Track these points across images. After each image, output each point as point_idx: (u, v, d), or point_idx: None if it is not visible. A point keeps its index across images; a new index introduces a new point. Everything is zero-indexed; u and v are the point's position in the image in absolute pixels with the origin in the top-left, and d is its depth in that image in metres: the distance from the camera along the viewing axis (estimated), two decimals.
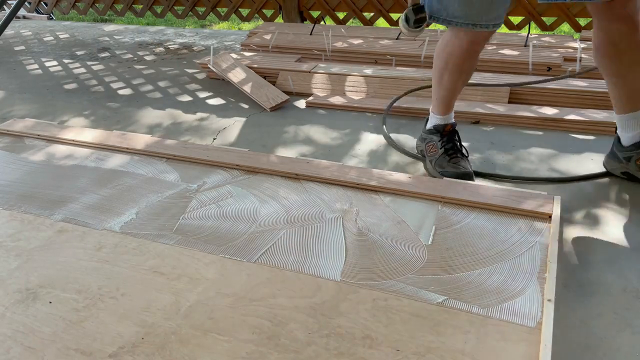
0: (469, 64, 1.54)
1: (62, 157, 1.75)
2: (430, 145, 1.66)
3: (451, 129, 1.65)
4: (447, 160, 1.59)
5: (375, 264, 1.17)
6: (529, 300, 1.04)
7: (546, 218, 1.31)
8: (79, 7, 4.48)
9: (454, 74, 1.56)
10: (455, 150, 1.62)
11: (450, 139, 1.64)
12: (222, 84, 2.60)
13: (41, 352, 0.95)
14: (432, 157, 1.64)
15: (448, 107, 1.66)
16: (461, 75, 1.57)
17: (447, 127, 1.65)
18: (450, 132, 1.65)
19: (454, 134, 1.66)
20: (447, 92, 1.61)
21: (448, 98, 1.63)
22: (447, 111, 1.66)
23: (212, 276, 1.14)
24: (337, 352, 0.93)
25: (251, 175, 1.59)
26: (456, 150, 1.62)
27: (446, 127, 1.65)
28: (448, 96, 1.63)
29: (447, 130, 1.64)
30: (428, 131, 1.69)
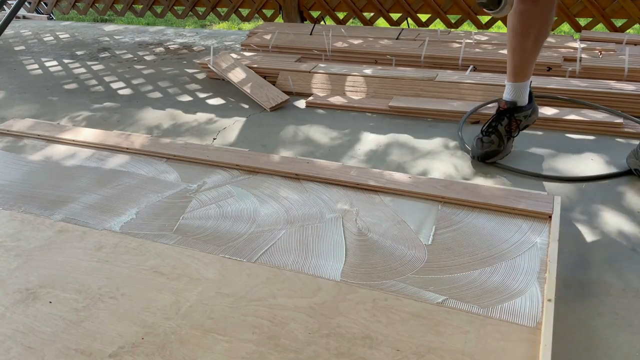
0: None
1: (62, 157, 1.75)
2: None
3: (507, 108, 1.57)
4: (479, 137, 1.55)
5: (375, 264, 1.17)
6: (529, 300, 1.04)
7: (546, 218, 1.31)
8: (79, 7, 4.48)
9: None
10: (491, 132, 1.55)
11: (498, 118, 1.56)
12: (222, 84, 2.60)
13: (41, 352, 0.95)
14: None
15: (520, 70, 1.56)
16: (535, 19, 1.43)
17: (503, 104, 1.57)
18: (504, 111, 1.57)
19: (506, 114, 1.57)
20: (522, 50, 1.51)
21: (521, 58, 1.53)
22: (517, 76, 1.58)
23: (212, 276, 1.14)
24: (337, 352, 0.93)
25: (251, 175, 1.59)
26: (491, 132, 1.55)
27: (502, 103, 1.57)
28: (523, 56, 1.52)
29: (503, 107, 1.57)
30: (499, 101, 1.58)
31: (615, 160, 1.67)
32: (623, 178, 1.56)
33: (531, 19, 1.48)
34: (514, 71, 1.59)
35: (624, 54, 2.38)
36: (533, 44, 1.52)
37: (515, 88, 1.62)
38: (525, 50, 1.53)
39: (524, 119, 1.65)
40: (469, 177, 1.60)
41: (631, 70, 2.23)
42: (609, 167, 1.63)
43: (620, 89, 2.02)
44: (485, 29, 3.43)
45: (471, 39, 2.87)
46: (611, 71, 2.27)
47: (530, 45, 1.52)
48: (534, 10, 1.46)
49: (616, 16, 3.04)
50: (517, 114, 1.63)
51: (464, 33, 3.12)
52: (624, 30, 3.07)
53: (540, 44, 1.52)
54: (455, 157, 1.74)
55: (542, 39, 1.52)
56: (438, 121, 2.02)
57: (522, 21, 1.48)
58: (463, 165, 1.68)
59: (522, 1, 1.44)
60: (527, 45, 1.52)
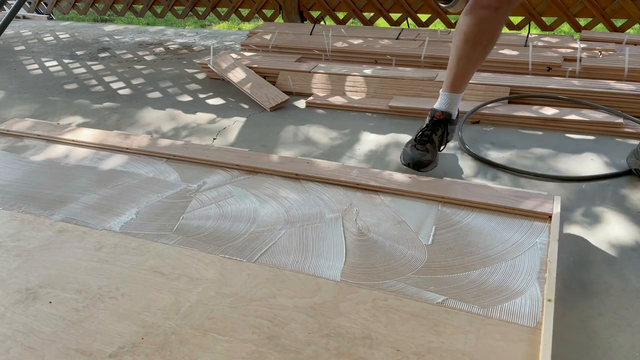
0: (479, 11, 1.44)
1: (62, 157, 1.75)
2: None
3: (442, 118, 1.59)
4: (412, 144, 1.56)
5: (375, 264, 1.17)
6: (529, 300, 1.04)
7: (546, 218, 1.31)
8: (79, 7, 4.48)
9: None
10: (426, 140, 1.56)
11: (432, 127, 1.58)
12: (222, 84, 2.60)
13: (41, 352, 0.95)
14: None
15: (456, 81, 1.57)
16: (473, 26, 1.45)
17: (439, 114, 1.59)
18: (439, 121, 1.59)
19: (441, 124, 1.59)
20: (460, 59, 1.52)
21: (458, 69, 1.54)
22: (453, 87, 1.59)
23: (212, 276, 1.14)
24: (337, 352, 0.93)
25: (251, 175, 1.59)
26: (426, 141, 1.56)
27: (437, 112, 1.59)
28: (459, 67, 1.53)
29: (439, 116, 1.59)
30: (432, 112, 1.59)
31: (615, 160, 1.67)
32: (623, 178, 1.56)
33: (487, 27, 1.48)
34: (454, 80, 1.59)
35: (624, 54, 2.38)
36: (480, 54, 1.54)
37: (450, 99, 1.62)
38: (471, 60, 1.54)
39: (451, 132, 1.65)
40: (469, 177, 1.60)
41: (631, 70, 2.23)
42: (609, 167, 1.63)
43: (620, 89, 2.02)
44: None
45: None
46: (611, 71, 2.27)
47: (478, 54, 1.54)
48: (494, 18, 1.46)
49: (616, 16, 3.04)
50: (450, 125, 1.64)
51: None
52: (624, 30, 3.07)
53: (486, 54, 1.55)
54: (455, 157, 1.74)
55: (489, 49, 1.54)
56: None
57: (478, 28, 1.49)
58: (463, 165, 1.68)
59: (484, 7, 1.45)
60: (475, 54, 1.53)
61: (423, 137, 1.59)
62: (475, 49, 1.52)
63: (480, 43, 1.50)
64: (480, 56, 1.54)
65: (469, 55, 1.53)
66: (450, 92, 1.60)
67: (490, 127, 1.96)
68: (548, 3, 3.13)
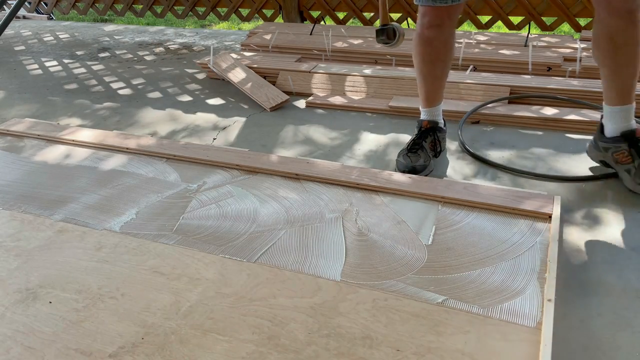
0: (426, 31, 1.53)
1: (62, 157, 1.75)
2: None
3: (429, 127, 1.66)
4: (404, 153, 1.61)
5: (375, 264, 1.17)
6: (529, 300, 1.04)
7: (546, 218, 1.31)
8: (79, 7, 4.48)
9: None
10: (415, 145, 1.62)
11: (422, 135, 1.64)
12: (222, 84, 2.60)
13: (41, 352, 0.95)
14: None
15: (430, 97, 1.64)
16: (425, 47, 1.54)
17: (425, 123, 1.66)
18: (427, 129, 1.65)
19: (430, 132, 1.65)
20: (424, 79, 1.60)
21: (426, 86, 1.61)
22: (430, 102, 1.66)
23: (212, 276, 1.14)
24: (337, 352, 0.93)
25: (251, 175, 1.59)
26: (417, 148, 1.61)
27: (424, 122, 1.67)
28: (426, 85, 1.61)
29: (425, 125, 1.66)
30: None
31: None
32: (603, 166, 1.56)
33: (438, 44, 1.55)
34: (428, 97, 1.66)
35: None
36: (442, 69, 1.61)
37: (431, 112, 1.69)
38: (436, 76, 1.61)
39: (442, 140, 1.70)
40: (469, 177, 1.60)
41: None
42: (609, 167, 1.63)
43: None
44: (485, 29, 3.43)
45: (471, 39, 2.87)
46: None
47: (440, 70, 1.61)
48: (441, 34, 1.53)
49: None
50: (439, 133, 1.69)
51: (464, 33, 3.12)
52: None
53: (448, 66, 1.61)
54: (455, 157, 1.74)
55: (449, 63, 1.60)
56: None
57: (431, 48, 1.57)
58: (463, 165, 1.68)
59: (430, 27, 1.52)
60: (437, 70, 1.61)
61: (414, 146, 1.63)
62: (436, 66, 1.60)
63: (438, 60, 1.58)
64: (443, 71, 1.61)
65: (433, 74, 1.61)
66: (429, 107, 1.68)
67: (490, 127, 1.96)
68: (548, 3, 3.13)
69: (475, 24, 3.43)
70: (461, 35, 3.00)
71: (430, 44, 1.54)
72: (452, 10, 1.49)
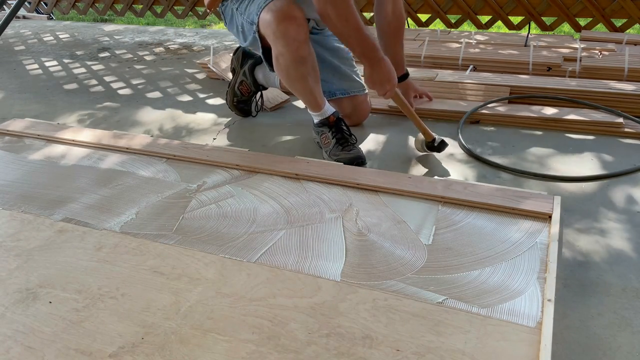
0: (298, 52, 1.60)
1: (62, 157, 1.75)
2: (324, 137, 1.75)
3: (335, 119, 1.74)
4: (340, 149, 1.69)
5: (375, 264, 1.17)
6: (529, 300, 1.04)
7: (546, 218, 1.31)
8: (79, 7, 4.48)
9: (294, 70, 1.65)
10: (345, 138, 1.71)
11: (338, 129, 1.73)
12: (222, 84, 2.60)
13: (41, 352, 0.95)
14: (327, 148, 1.73)
15: (318, 102, 1.74)
16: (300, 66, 1.63)
17: (331, 119, 1.74)
18: (335, 122, 1.74)
19: (340, 122, 1.75)
20: (305, 92, 1.72)
21: (311, 97, 1.73)
22: (317, 108, 1.75)
23: (212, 276, 1.14)
24: (337, 352, 0.93)
25: (251, 175, 1.59)
26: (346, 138, 1.71)
27: (330, 119, 1.74)
28: (310, 96, 1.72)
29: (332, 121, 1.74)
30: (318, 124, 1.77)
31: (615, 160, 1.67)
32: (623, 178, 1.56)
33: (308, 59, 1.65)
34: (314, 105, 1.75)
35: (623, 54, 2.38)
36: (313, 82, 1.70)
37: (324, 112, 1.76)
38: (311, 89, 1.70)
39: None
40: (469, 177, 1.60)
41: (631, 70, 2.24)
42: (609, 167, 1.63)
43: (620, 89, 2.02)
44: (485, 29, 3.43)
45: (471, 39, 2.87)
46: (611, 71, 2.27)
47: (311, 83, 1.70)
48: (305, 56, 1.63)
49: (616, 16, 3.04)
50: (342, 118, 1.79)
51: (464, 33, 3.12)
52: (624, 30, 3.07)
53: (312, 81, 1.69)
54: (456, 157, 1.74)
55: (314, 75, 1.69)
56: (438, 121, 2.02)
57: (300, 68, 1.65)
58: (463, 165, 1.68)
59: (290, 49, 1.60)
60: (309, 84, 1.70)
61: (345, 141, 1.72)
62: (305, 81, 1.68)
63: (308, 63, 1.66)
64: (313, 83, 1.70)
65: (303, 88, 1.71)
66: (321, 110, 1.76)
67: (490, 127, 1.96)
68: (548, 3, 3.13)
69: (475, 24, 3.43)
70: (461, 35, 3.00)
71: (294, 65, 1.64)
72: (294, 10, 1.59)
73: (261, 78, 2.07)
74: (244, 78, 2.04)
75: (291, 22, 1.57)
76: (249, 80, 2.04)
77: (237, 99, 2.09)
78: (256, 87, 2.06)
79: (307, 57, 1.63)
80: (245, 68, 2.04)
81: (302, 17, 1.59)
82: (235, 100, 2.09)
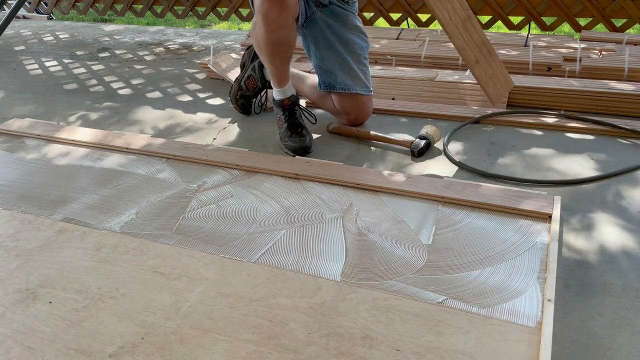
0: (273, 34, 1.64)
1: (62, 157, 1.75)
2: (278, 118, 1.79)
3: (290, 103, 1.75)
4: (288, 136, 1.70)
5: (375, 264, 1.17)
6: (529, 300, 1.04)
7: (546, 218, 1.31)
8: (79, 7, 4.48)
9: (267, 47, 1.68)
10: (295, 125, 1.72)
11: (291, 113, 1.74)
12: (222, 84, 2.60)
13: (41, 352, 0.95)
14: (280, 130, 1.77)
15: (280, 79, 1.75)
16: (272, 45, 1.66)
17: (285, 102, 1.75)
18: (290, 105, 1.75)
19: (294, 106, 1.75)
20: (271, 66, 1.74)
21: (275, 72, 1.75)
22: (277, 84, 1.76)
23: (212, 276, 1.14)
24: (337, 352, 0.93)
25: (251, 175, 1.59)
26: (296, 125, 1.72)
27: (284, 102, 1.75)
28: (274, 70, 1.75)
29: (287, 104, 1.74)
30: (276, 103, 1.81)
31: (615, 160, 1.67)
32: (622, 178, 1.56)
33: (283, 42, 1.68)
34: (279, 80, 1.79)
35: (623, 54, 2.38)
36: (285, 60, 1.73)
37: (284, 90, 1.80)
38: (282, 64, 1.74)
39: (300, 108, 1.86)
40: (469, 177, 1.60)
41: (631, 70, 2.23)
42: (609, 167, 1.63)
43: (620, 89, 2.02)
44: (485, 28, 3.43)
45: None
46: (611, 71, 2.27)
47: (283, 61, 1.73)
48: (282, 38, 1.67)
49: (616, 16, 3.04)
50: (299, 104, 1.83)
51: None
52: (624, 30, 3.07)
53: (280, 59, 1.72)
54: (455, 158, 1.74)
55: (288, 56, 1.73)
56: (438, 121, 2.02)
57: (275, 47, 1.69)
58: None
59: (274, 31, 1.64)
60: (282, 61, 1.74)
61: (295, 126, 1.74)
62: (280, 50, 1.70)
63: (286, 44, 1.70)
64: (283, 55, 1.71)
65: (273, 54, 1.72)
66: (281, 87, 1.79)
67: (490, 127, 1.96)
68: (548, 3, 3.13)
69: None
70: None
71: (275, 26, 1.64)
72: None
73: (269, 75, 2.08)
74: (252, 73, 2.05)
75: (275, 4, 1.58)
76: (257, 76, 2.04)
77: (242, 93, 2.10)
78: (263, 84, 2.06)
79: (280, 40, 1.66)
80: (255, 63, 2.05)
81: (289, 2, 1.59)
82: (239, 94, 2.10)
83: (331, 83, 1.89)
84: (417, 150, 1.71)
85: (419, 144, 1.72)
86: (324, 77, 1.89)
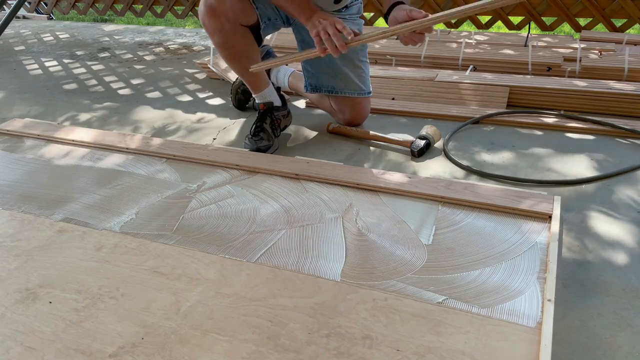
0: (213, 38, 1.69)
1: (62, 157, 1.75)
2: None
3: (265, 109, 1.81)
4: (250, 136, 1.77)
5: (375, 264, 1.17)
6: (529, 300, 1.04)
7: (546, 218, 1.31)
8: (79, 7, 4.48)
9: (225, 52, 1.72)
10: (258, 130, 1.79)
11: (261, 118, 1.80)
12: (222, 84, 2.60)
13: (41, 352, 0.95)
14: (250, 129, 1.82)
15: (252, 86, 1.82)
16: (231, 51, 1.71)
17: (260, 107, 1.82)
18: (264, 111, 1.81)
19: (266, 113, 1.81)
20: (237, 74, 1.82)
21: (244, 79, 1.83)
22: (255, 90, 1.83)
23: (212, 276, 1.14)
24: (337, 352, 0.93)
25: (251, 175, 1.59)
26: (259, 130, 1.79)
27: (260, 105, 1.82)
28: (242, 77, 1.82)
29: (261, 108, 1.82)
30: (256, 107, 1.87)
31: (615, 160, 1.67)
32: (622, 178, 1.56)
33: (228, 46, 1.71)
34: (252, 86, 1.85)
35: (623, 54, 2.38)
36: (244, 65, 1.72)
37: (262, 95, 1.85)
38: (246, 70, 1.72)
39: (282, 118, 1.89)
40: (469, 178, 1.60)
41: (631, 70, 2.24)
42: (609, 167, 1.63)
43: (620, 89, 2.02)
44: (485, 28, 3.44)
45: (471, 39, 2.87)
46: (611, 71, 2.27)
47: (243, 66, 1.73)
48: (224, 43, 1.69)
49: (616, 16, 3.04)
50: (276, 112, 1.85)
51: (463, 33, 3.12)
52: (624, 30, 3.07)
53: (245, 62, 1.72)
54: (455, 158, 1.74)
55: (244, 60, 1.73)
56: (438, 121, 2.02)
57: (223, 51, 1.73)
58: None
59: (212, 35, 1.68)
60: (242, 66, 1.74)
61: (256, 130, 1.79)
62: (238, 63, 1.75)
63: (237, 59, 1.74)
64: (244, 67, 1.71)
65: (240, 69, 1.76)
66: (258, 92, 1.85)
67: (490, 127, 1.96)
68: (548, 3, 3.13)
69: (475, 24, 3.43)
70: (461, 36, 3.00)
71: (220, 48, 1.72)
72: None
73: (273, 76, 2.13)
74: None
75: (208, 12, 1.63)
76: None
77: (244, 88, 2.13)
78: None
79: (224, 44, 1.69)
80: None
81: (221, 7, 1.62)
82: (241, 89, 2.14)
83: (317, 85, 1.91)
84: (417, 150, 1.71)
85: (419, 144, 1.72)
86: (310, 79, 1.91)
